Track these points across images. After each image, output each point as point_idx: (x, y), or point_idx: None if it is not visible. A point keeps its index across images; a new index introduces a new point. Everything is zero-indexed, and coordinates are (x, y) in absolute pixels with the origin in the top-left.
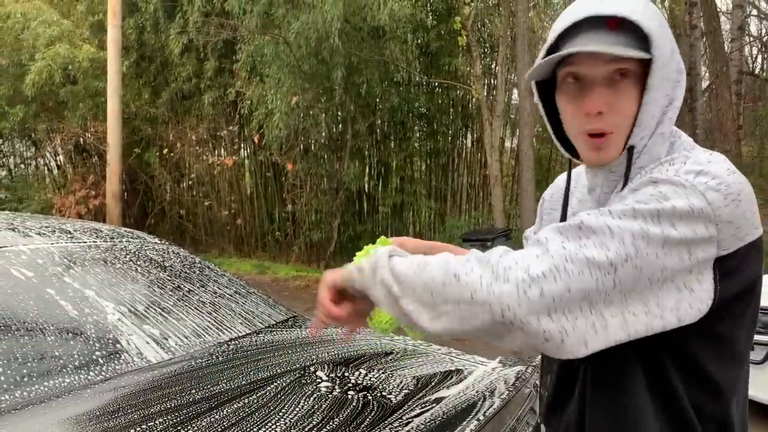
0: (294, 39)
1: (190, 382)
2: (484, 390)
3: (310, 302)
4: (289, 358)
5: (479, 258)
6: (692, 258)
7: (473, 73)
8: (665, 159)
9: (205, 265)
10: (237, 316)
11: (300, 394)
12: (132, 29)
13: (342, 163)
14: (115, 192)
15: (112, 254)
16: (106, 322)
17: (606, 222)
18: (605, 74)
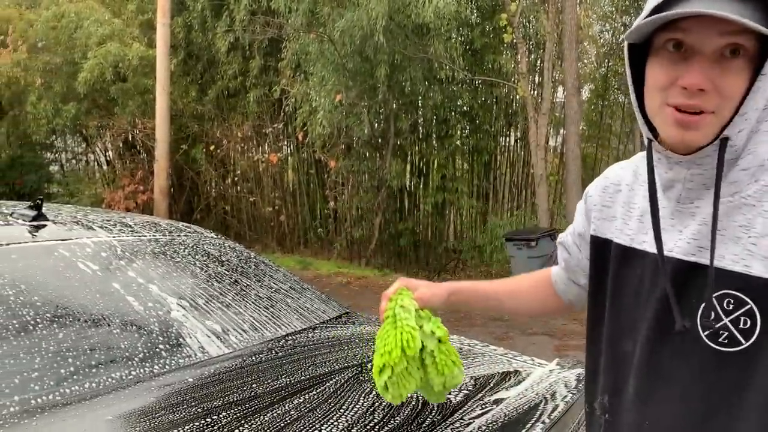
0: (338, 37)
1: (251, 377)
2: (544, 392)
3: (351, 298)
4: (346, 354)
5: None
6: None
7: (518, 70)
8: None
9: (261, 260)
10: (293, 311)
11: (359, 390)
12: (180, 28)
13: (384, 161)
14: (162, 187)
15: (172, 248)
16: (167, 315)
17: None
18: (716, 47)
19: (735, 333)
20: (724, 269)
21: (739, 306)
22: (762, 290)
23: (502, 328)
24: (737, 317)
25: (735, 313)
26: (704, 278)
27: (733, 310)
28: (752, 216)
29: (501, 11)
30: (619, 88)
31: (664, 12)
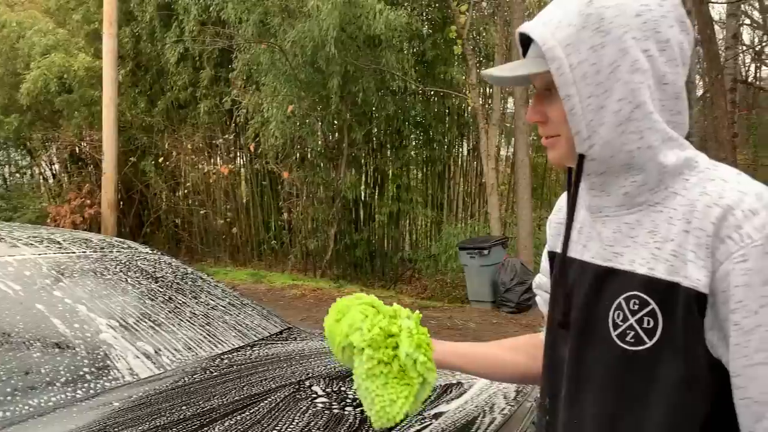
0: (290, 47)
1: (182, 398)
2: (483, 405)
3: (306, 311)
4: (283, 371)
5: None
6: None
7: (469, 81)
8: (695, 180)
9: (198, 276)
10: (231, 328)
11: (295, 409)
12: (128, 38)
13: (338, 172)
14: (110, 201)
15: (102, 265)
16: (94, 336)
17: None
18: (539, 86)
19: (640, 332)
20: (633, 272)
21: (643, 306)
22: (663, 291)
23: (456, 337)
24: (641, 317)
25: (639, 313)
26: (616, 281)
27: (638, 310)
28: (659, 221)
29: (451, 23)
30: None
31: (490, 71)
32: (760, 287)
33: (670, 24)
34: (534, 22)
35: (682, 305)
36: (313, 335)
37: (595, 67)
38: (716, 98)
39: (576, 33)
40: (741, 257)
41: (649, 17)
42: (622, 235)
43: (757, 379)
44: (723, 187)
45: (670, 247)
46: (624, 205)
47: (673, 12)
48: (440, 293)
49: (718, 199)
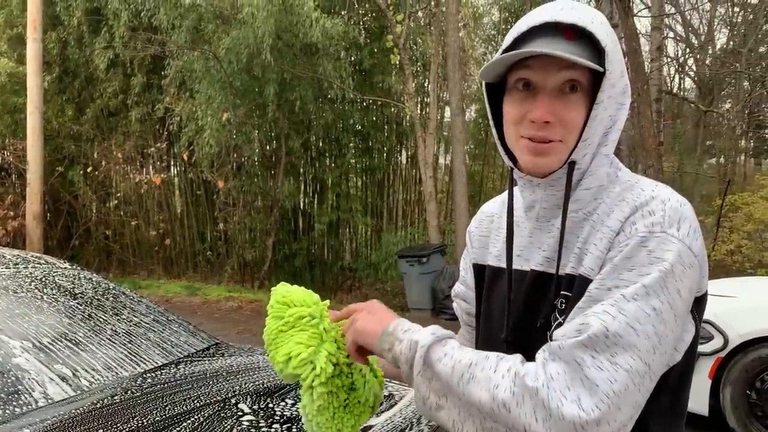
0: (224, 55)
1: (98, 421)
2: (411, 416)
3: (242, 324)
4: (209, 389)
5: (525, 386)
6: (690, 309)
7: (406, 90)
8: (618, 190)
9: (120, 292)
10: (154, 345)
11: (219, 429)
12: (54, 43)
13: (276, 181)
14: (35, 213)
15: (15, 282)
16: (5, 357)
17: (627, 322)
18: (556, 83)
19: (556, 317)
20: (564, 275)
21: (570, 305)
22: (567, 283)
23: None
24: (562, 310)
25: (567, 311)
26: (551, 285)
27: (565, 309)
28: (589, 228)
29: (388, 33)
30: None
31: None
32: (623, 272)
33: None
34: (579, 16)
35: (578, 289)
36: (242, 350)
37: (618, 81)
38: (642, 108)
39: (614, 45)
40: (622, 246)
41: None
42: (550, 241)
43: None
44: (639, 194)
45: (581, 246)
46: (555, 212)
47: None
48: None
49: (632, 202)
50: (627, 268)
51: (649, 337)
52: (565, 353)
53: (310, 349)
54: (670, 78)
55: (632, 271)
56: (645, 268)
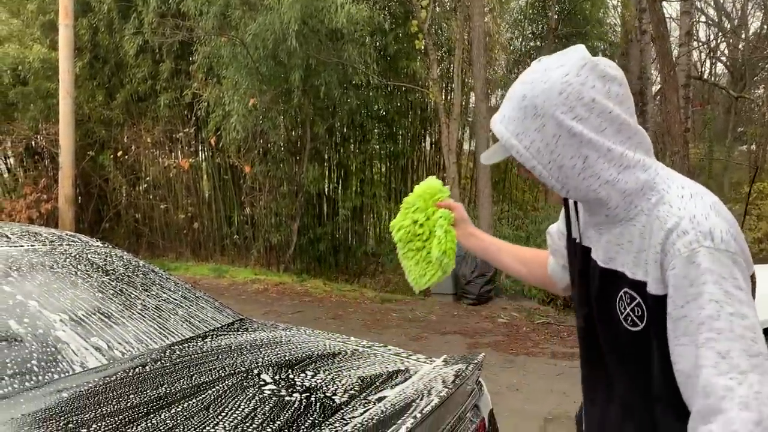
0: (251, 40)
1: (129, 386)
2: (423, 389)
3: (268, 305)
4: (233, 361)
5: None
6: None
7: (430, 76)
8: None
9: (150, 269)
10: (182, 320)
11: (242, 397)
12: (85, 29)
13: (301, 166)
14: (67, 196)
15: (51, 258)
16: (42, 328)
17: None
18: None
19: (634, 318)
20: (624, 273)
21: (633, 299)
22: (641, 289)
23: (417, 328)
24: (633, 307)
25: (632, 304)
26: (615, 280)
27: (629, 302)
28: (634, 234)
29: (413, 18)
30: None
31: (482, 156)
32: (686, 288)
33: (591, 86)
34: (494, 120)
35: (652, 299)
36: (265, 326)
37: (543, 142)
38: (669, 94)
39: (521, 123)
40: (673, 266)
41: (569, 91)
42: (612, 243)
43: (683, 356)
44: (669, 212)
45: (642, 257)
46: (610, 222)
47: (591, 75)
48: (403, 286)
49: (663, 224)
50: (687, 284)
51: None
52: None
53: (393, 221)
54: (701, 63)
55: (692, 287)
56: (702, 282)
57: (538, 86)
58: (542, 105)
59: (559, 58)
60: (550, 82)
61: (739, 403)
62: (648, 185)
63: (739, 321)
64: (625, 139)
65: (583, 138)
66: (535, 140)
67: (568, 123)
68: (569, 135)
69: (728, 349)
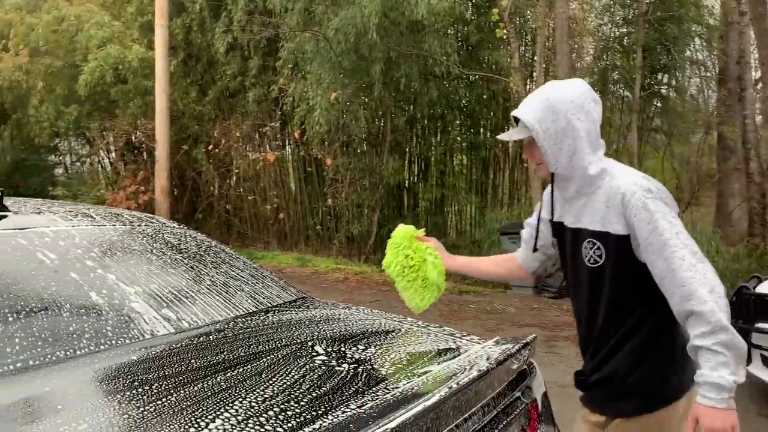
0: (333, 35)
1: (192, 351)
2: (466, 364)
3: (347, 294)
4: (290, 333)
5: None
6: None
7: (512, 65)
8: (606, 178)
9: (221, 249)
10: (247, 296)
11: (293, 365)
12: (179, 29)
13: (381, 158)
14: (163, 187)
15: (130, 237)
16: (119, 299)
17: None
18: (528, 141)
19: (595, 258)
20: (587, 228)
21: (594, 245)
22: (601, 236)
23: (494, 320)
24: (594, 250)
25: (593, 248)
26: (582, 234)
27: (591, 247)
28: (594, 203)
29: (494, 6)
30: (617, 81)
31: (502, 135)
32: (646, 226)
33: (589, 103)
34: (521, 110)
35: (613, 242)
36: (326, 304)
37: (554, 131)
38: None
39: (543, 115)
40: (635, 214)
41: (578, 102)
42: (578, 210)
43: (656, 266)
44: (619, 184)
45: (600, 215)
46: (576, 196)
47: (590, 96)
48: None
49: (618, 191)
50: (646, 223)
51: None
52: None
53: (385, 260)
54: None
55: (650, 224)
56: (660, 212)
57: (557, 94)
58: (558, 106)
59: (570, 81)
60: (566, 93)
61: (700, 283)
62: (603, 171)
63: (682, 236)
64: (596, 141)
65: (579, 133)
66: (550, 128)
67: (575, 122)
68: (572, 129)
69: (683, 255)
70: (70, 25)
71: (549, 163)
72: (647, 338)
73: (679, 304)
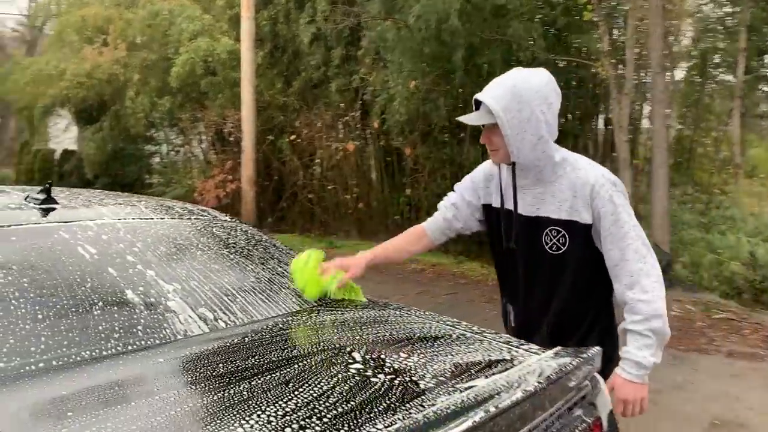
0: (414, 22)
1: (220, 357)
2: (515, 381)
3: (423, 285)
4: (330, 336)
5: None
6: None
7: (601, 48)
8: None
9: (271, 243)
10: (292, 293)
11: (324, 374)
12: (266, 21)
13: (462, 147)
14: (249, 177)
15: (177, 230)
16: (155, 297)
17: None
18: (488, 126)
19: (558, 245)
20: (549, 217)
21: (559, 232)
22: (567, 224)
23: None
24: (558, 238)
25: (557, 236)
26: (542, 222)
27: (555, 234)
28: (556, 191)
29: None
30: (719, 65)
31: (462, 118)
32: (610, 216)
33: (553, 93)
34: (485, 95)
35: (579, 230)
36: (377, 304)
37: (518, 120)
38: None
39: (508, 102)
40: (602, 205)
41: (543, 92)
42: (537, 199)
43: (612, 255)
44: (586, 174)
45: (568, 204)
46: (534, 184)
47: (553, 86)
48: None
49: (587, 182)
50: (611, 214)
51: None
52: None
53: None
54: None
55: (613, 215)
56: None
57: (524, 84)
58: (524, 95)
59: (536, 71)
60: (532, 83)
61: (645, 274)
62: (564, 160)
63: (637, 229)
64: (554, 131)
65: (542, 123)
66: (515, 116)
67: (538, 112)
68: (535, 120)
69: (636, 247)
70: (164, 20)
71: (510, 152)
72: (611, 316)
73: (624, 290)
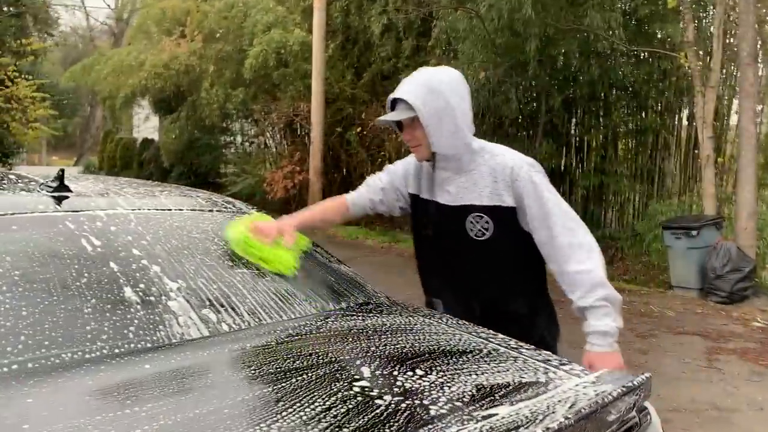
0: (486, 12)
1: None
2: (543, 412)
3: None
4: (342, 346)
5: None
6: None
7: (686, 39)
8: (486, 155)
9: None
10: (309, 296)
11: (325, 389)
12: (338, 12)
13: (534, 141)
14: (316, 168)
15: (194, 223)
16: (155, 295)
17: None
18: (407, 122)
19: (483, 230)
20: (473, 204)
21: (482, 218)
22: (491, 210)
23: (648, 324)
24: (483, 224)
25: (481, 221)
26: (464, 210)
27: (479, 220)
28: (477, 178)
29: None
30: None
31: (382, 118)
32: (533, 196)
33: (463, 87)
34: (401, 92)
35: (503, 214)
36: (405, 310)
37: (435, 109)
38: None
39: (425, 96)
40: (524, 186)
41: (453, 84)
42: (459, 188)
43: (541, 234)
44: (504, 160)
45: (489, 190)
46: (455, 173)
47: (461, 80)
48: (643, 276)
49: (506, 166)
50: (533, 194)
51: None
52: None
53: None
54: None
55: (536, 193)
56: (540, 180)
57: (434, 77)
58: (440, 88)
59: (442, 68)
60: (443, 77)
61: (578, 246)
62: (482, 148)
63: (562, 205)
64: (470, 123)
65: (458, 114)
66: (432, 108)
67: (452, 102)
68: (450, 108)
69: (563, 222)
70: (239, 12)
71: (431, 143)
72: (545, 297)
73: (560, 267)
